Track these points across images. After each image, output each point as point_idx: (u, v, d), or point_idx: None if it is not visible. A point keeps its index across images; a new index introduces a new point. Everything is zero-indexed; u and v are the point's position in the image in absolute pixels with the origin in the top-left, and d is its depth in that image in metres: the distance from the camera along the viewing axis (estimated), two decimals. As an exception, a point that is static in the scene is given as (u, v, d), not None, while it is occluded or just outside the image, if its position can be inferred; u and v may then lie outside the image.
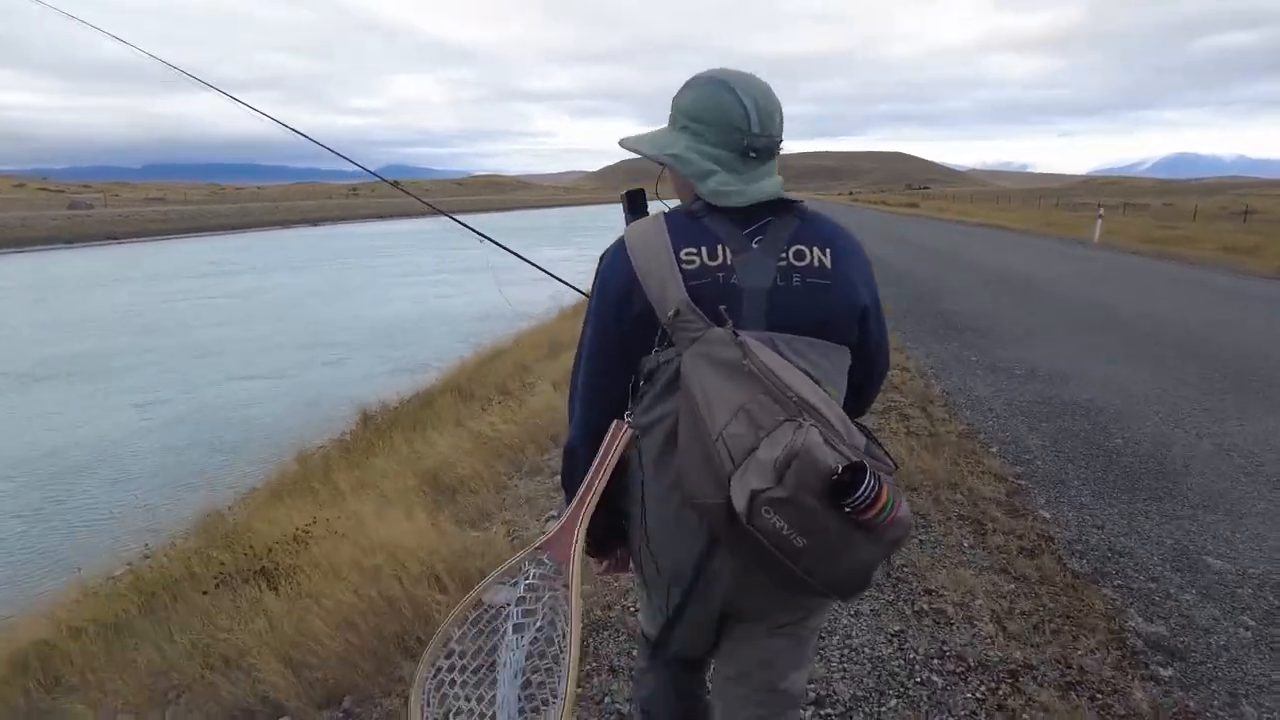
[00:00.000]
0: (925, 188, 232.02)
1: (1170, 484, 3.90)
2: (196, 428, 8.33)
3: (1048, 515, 3.56)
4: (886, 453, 1.10)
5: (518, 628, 1.15)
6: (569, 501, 1.23)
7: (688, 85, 1.20)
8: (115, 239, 48.40)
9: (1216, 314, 8.81)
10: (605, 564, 1.42)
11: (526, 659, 1.13)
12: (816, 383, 1.09)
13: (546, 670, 1.12)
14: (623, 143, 1.28)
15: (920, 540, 3.31)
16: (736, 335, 1.07)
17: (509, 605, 1.17)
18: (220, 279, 22.99)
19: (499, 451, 5.01)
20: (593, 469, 1.19)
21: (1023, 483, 3.96)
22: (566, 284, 2.16)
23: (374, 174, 2.71)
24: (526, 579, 1.17)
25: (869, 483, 0.94)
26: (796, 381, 1.04)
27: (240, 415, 8.76)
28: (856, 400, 1.31)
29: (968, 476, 3.98)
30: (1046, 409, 5.20)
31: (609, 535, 1.33)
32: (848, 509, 0.95)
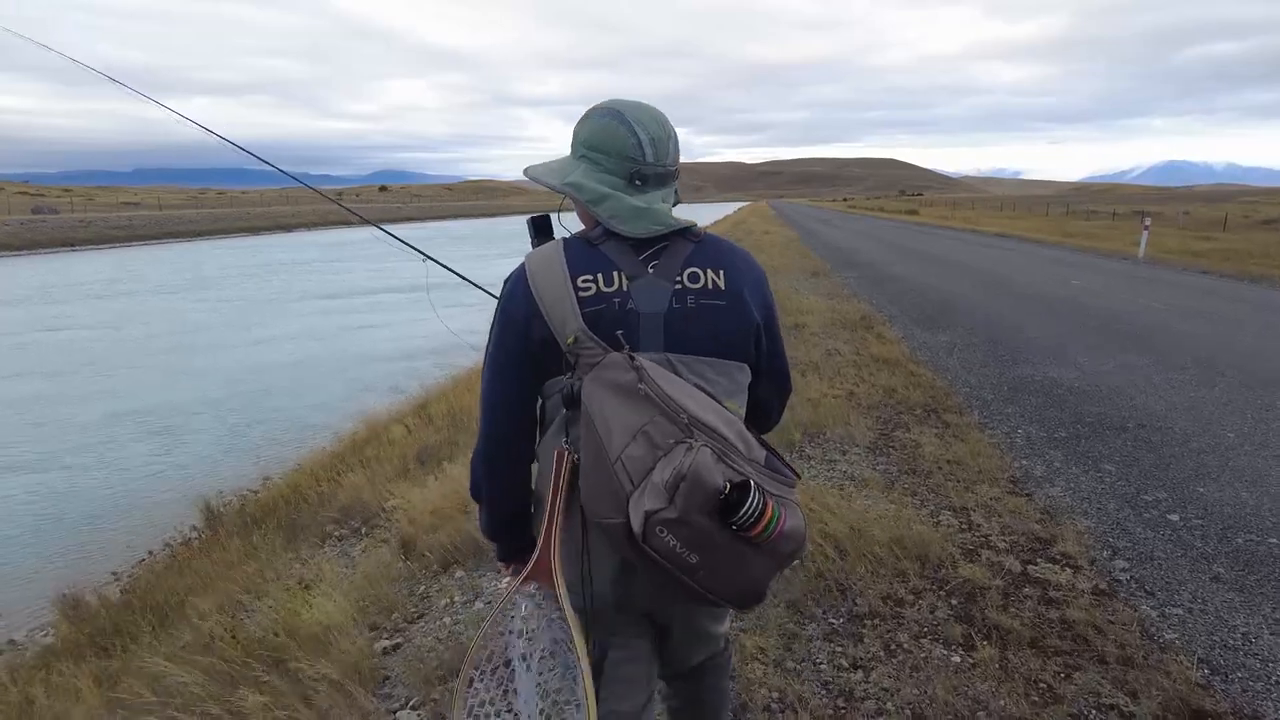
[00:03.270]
0: (919, 194, 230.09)
1: None
2: None
3: None
4: (788, 464, 1.12)
5: (525, 658, 1.20)
6: (482, 510, 1.34)
7: (585, 116, 1.24)
8: (71, 246, 45.28)
9: None
10: (512, 566, 1.41)
11: (538, 689, 1.18)
12: (716, 400, 1.12)
13: (560, 695, 1.18)
14: (527, 171, 1.31)
15: None
16: (633, 359, 1.09)
17: (516, 640, 1.22)
18: (99, 302, 19.01)
19: None
20: (549, 498, 1.19)
21: None
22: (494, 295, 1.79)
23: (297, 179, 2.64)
24: (524, 613, 1.23)
25: (753, 499, 0.97)
26: (691, 401, 1.06)
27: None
28: (765, 419, 1.38)
29: None
30: None
31: (519, 546, 1.34)
32: (734, 526, 0.98)
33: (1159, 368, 6.40)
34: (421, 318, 15.58)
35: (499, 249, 32.78)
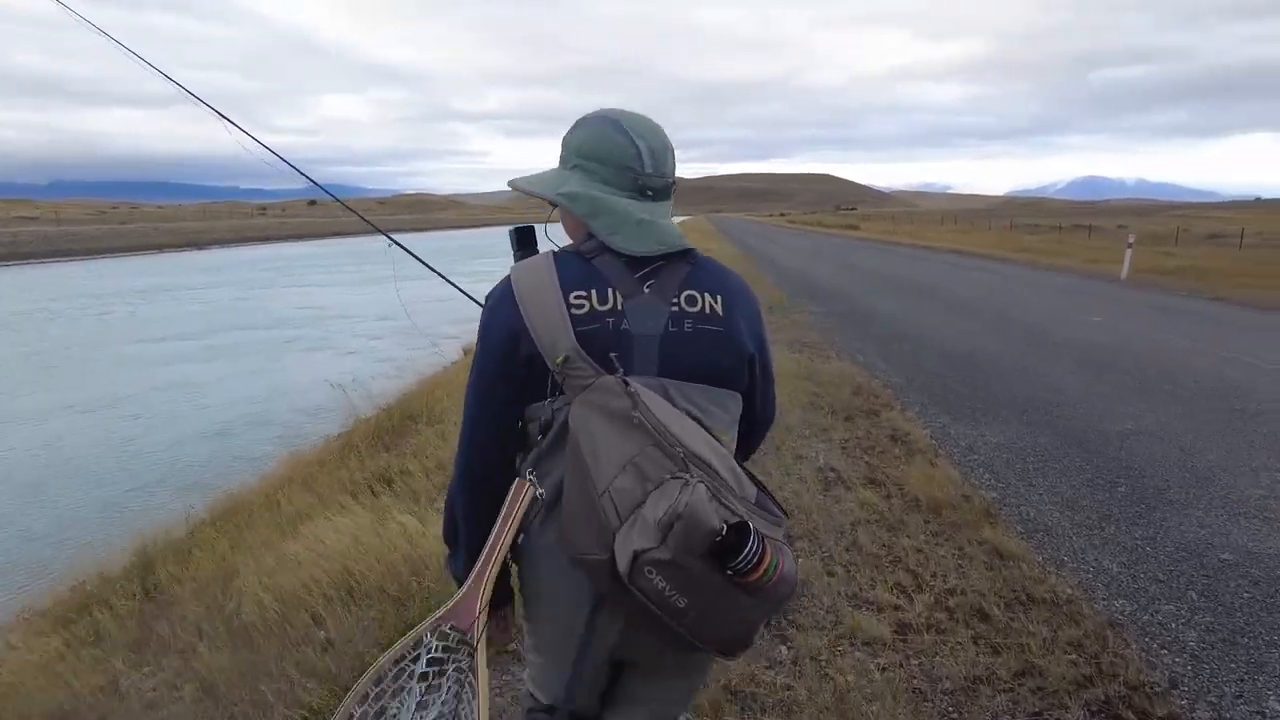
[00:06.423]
0: (853, 208, 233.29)
1: None
2: None
3: None
4: (777, 503, 1.06)
5: (421, 705, 1.11)
6: (452, 555, 1.22)
7: (579, 124, 1.16)
8: (-66, 268, 39.69)
9: None
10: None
11: None
12: (709, 431, 1.05)
13: None
14: (512, 183, 1.23)
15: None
16: (627, 384, 1.01)
17: (411, 680, 1.13)
18: None
19: None
20: (495, 531, 1.10)
21: None
22: (477, 301, 1.67)
23: (324, 189, 2.53)
24: (430, 652, 1.12)
25: (753, 545, 0.89)
26: (686, 433, 0.99)
27: None
28: (743, 448, 1.27)
29: None
30: None
31: (494, 597, 1.21)
32: (730, 571, 0.90)
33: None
34: (268, 368, 12.21)
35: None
